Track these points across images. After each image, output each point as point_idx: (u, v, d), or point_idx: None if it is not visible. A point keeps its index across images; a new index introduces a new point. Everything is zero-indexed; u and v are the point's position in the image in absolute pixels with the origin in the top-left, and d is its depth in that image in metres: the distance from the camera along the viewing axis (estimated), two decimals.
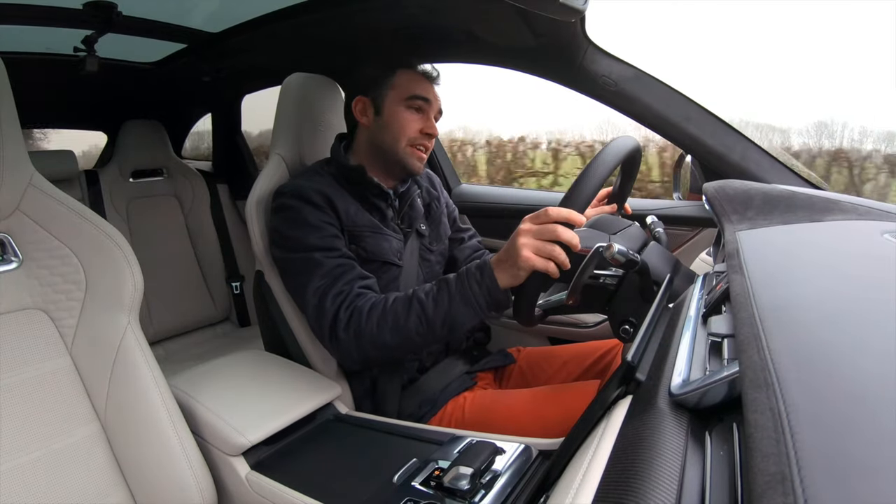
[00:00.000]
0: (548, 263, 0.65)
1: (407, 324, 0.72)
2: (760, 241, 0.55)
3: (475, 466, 0.55)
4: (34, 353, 0.64)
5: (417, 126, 0.89)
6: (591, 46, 0.95)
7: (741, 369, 0.30)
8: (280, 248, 0.83)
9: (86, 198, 1.63)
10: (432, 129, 0.90)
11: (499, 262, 0.70)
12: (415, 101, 0.88)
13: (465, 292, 0.71)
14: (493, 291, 0.70)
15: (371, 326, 0.74)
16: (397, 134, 0.88)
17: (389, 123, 0.89)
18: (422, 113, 0.90)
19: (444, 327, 0.72)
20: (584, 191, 0.68)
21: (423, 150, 0.90)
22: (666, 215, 1.08)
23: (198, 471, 0.67)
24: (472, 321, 0.72)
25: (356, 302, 0.76)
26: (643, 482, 0.29)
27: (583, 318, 1.18)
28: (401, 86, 0.89)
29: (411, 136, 0.89)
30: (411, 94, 0.88)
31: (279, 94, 0.99)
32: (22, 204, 0.65)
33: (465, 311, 0.71)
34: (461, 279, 0.72)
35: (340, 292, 0.77)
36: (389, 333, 0.73)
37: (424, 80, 0.91)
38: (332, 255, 0.79)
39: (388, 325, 0.73)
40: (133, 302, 0.69)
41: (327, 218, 0.82)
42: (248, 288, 1.88)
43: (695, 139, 0.97)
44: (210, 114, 1.96)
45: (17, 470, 0.59)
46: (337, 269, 0.78)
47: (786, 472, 0.21)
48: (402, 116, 0.88)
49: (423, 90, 0.89)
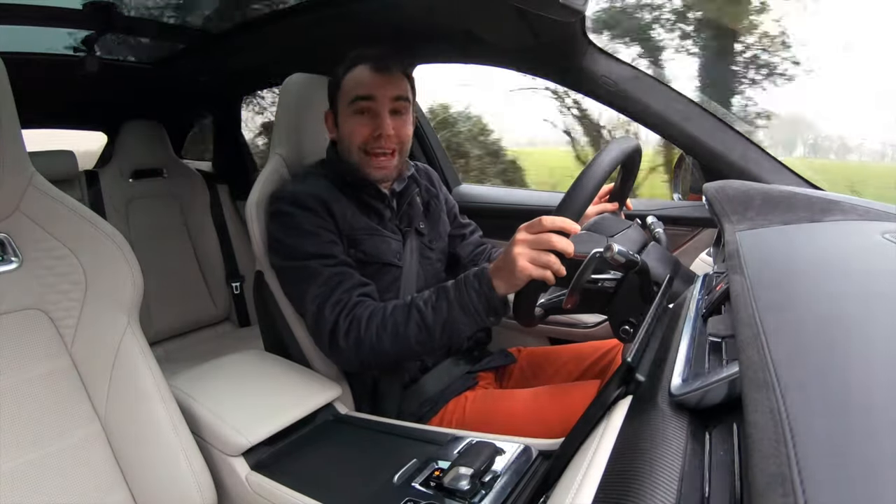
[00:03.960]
0: (544, 272, 0.66)
1: (406, 332, 0.72)
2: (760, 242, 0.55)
3: (475, 467, 0.55)
4: (34, 353, 0.64)
5: (365, 131, 0.83)
6: (591, 46, 0.95)
7: (741, 370, 0.30)
8: (278, 256, 0.83)
9: (86, 198, 1.63)
10: (382, 127, 0.83)
11: (497, 270, 0.69)
12: (357, 104, 0.83)
13: (463, 300, 0.71)
14: (491, 300, 0.70)
15: (371, 335, 0.74)
16: (349, 144, 0.85)
17: (343, 136, 0.86)
18: (368, 113, 0.83)
19: (443, 335, 0.72)
20: (581, 195, 0.68)
21: (382, 153, 0.84)
22: (666, 215, 1.08)
23: (198, 471, 0.67)
24: (471, 328, 0.72)
25: (355, 310, 0.76)
26: (643, 482, 0.29)
27: (583, 318, 1.18)
28: (346, 90, 0.84)
29: (360, 143, 0.84)
30: (352, 98, 0.83)
31: (279, 94, 0.99)
32: (22, 204, 0.65)
33: (464, 318, 0.71)
34: (459, 287, 0.72)
35: (339, 301, 0.76)
36: (389, 342, 0.73)
37: (371, 75, 0.83)
38: (329, 263, 0.79)
39: (388, 333, 0.73)
40: (133, 302, 0.69)
41: (324, 223, 0.81)
42: (248, 288, 1.87)
43: (695, 139, 0.97)
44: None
45: (17, 470, 0.59)
46: (335, 278, 0.78)
47: (786, 472, 0.21)
48: (349, 125, 0.84)
49: (365, 88, 0.83)
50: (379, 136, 0.84)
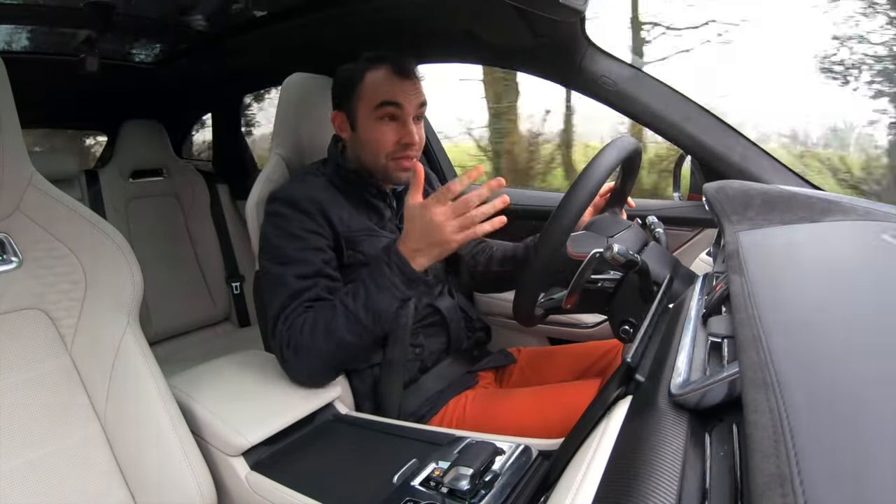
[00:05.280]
0: (474, 231, 0.68)
1: (336, 325, 0.73)
2: (760, 242, 0.55)
3: (475, 467, 0.55)
4: (34, 353, 0.64)
5: (393, 138, 0.83)
6: (591, 46, 0.95)
7: (741, 370, 0.30)
8: (262, 255, 0.83)
9: (86, 198, 1.63)
10: (409, 137, 0.82)
11: (416, 248, 0.71)
12: (384, 110, 0.82)
13: (377, 279, 0.73)
14: (406, 271, 0.72)
15: (305, 339, 0.73)
16: (374, 150, 0.84)
17: (365, 140, 0.84)
18: (396, 121, 0.83)
19: (368, 317, 0.73)
20: (581, 196, 0.68)
21: (407, 158, 0.85)
22: (666, 215, 1.08)
23: (198, 471, 0.67)
24: (393, 304, 0.73)
25: (297, 319, 0.75)
26: (643, 482, 0.29)
27: (583, 318, 1.18)
28: (368, 94, 0.82)
29: (388, 151, 0.83)
30: (379, 102, 0.82)
31: (279, 94, 0.99)
32: (22, 204, 0.65)
33: (383, 295, 0.73)
34: (371, 268, 0.74)
35: (292, 312, 0.76)
36: (323, 340, 0.73)
37: (394, 79, 0.82)
38: (303, 273, 0.78)
39: (320, 331, 0.73)
40: (133, 302, 0.69)
41: (316, 227, 0.81)
42: (248, 288, 1.88)
43: (695, 139, 0.97)
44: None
45: (17, 470, 0.59)
46: (301, 293, 0.77)
47: (786, 472, 0.21)
48: (375, 131, 0.83)
49: (392, 94, 0.81)
50: (406, 145, 0.83)
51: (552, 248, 0.69)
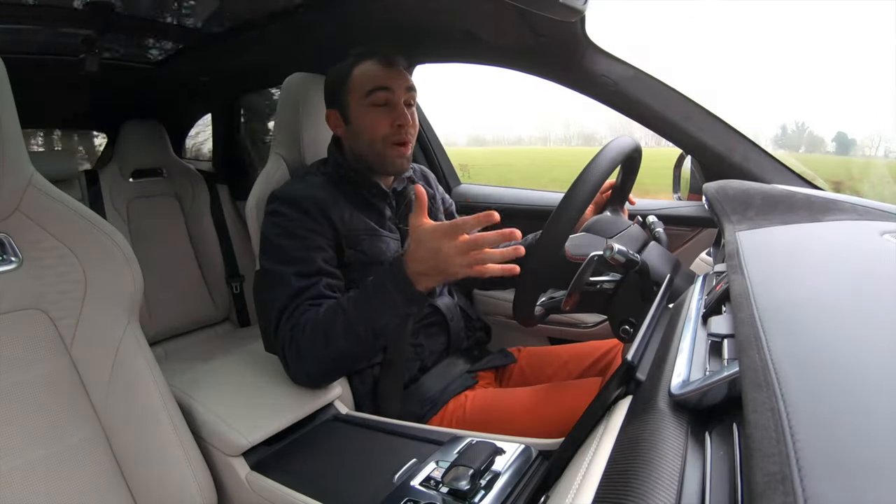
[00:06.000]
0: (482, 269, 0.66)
1: (335, 331, 0.72)
2: (760, 241, 0.55)
3: (475, 466, 0.55)
4: (34, 353, 0.64)
5: (386, 121, 0.84)
6: (591, 46, 0.95)
7: (741, 369, 0.30)
8: (263, 255, 0.83)
9: (86, 198, 1.63)
10: (402, 118, 0.84)
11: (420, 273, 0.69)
12: (375, 96, 0.83)
13: (380, 295, 0.71)
14: (409, 292, 0.70)
15: (307, 339, 0.73)
16: (369, 138, 0.85)
17: (360, 129, 0.86)
18: (387, 105, 0.84)
19: (367, 332, 0.71)
20: (580, 195, 0.68)
21: (402, 143, 0.86)
22: (666, 215, 1.08)
23: (198, 471, 0.67)
24: (393, 321, 0.72)
25: (299, 319, 0.75)
26: (643, 482, 0.29)
27: (583, 318, 1.19)
28: (357, 86, 0.84)
29: (384, 135, 0.85)
30: (368, 89, 0.83)
31: (279, 94, 0.99)
32: (22, 204, 0.65)
33: (384, 312, 0.71)
34: (377, 282, 0.72)
35: (295, 311, 0.76)
36: (323, 345, 0.72)
37: (381, 68, 0.84)
38: (304, 272, 0.78)
39: (320, 335, 0.72)
40: (133, 302, 0.69)
41: (316, 226, 0.81)
42: (248, 288, 1.88)
43: (695, 139, 0.97)
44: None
45: (16, 471, 0.59)
46: (303, 292, 0.77)
47: (786, 472, 0.21)
48: (368, 118, 0.84)
49: (380, 79, 0.83)
50: (399, 126, 0.84)
51: (552, 248, 0.69)
